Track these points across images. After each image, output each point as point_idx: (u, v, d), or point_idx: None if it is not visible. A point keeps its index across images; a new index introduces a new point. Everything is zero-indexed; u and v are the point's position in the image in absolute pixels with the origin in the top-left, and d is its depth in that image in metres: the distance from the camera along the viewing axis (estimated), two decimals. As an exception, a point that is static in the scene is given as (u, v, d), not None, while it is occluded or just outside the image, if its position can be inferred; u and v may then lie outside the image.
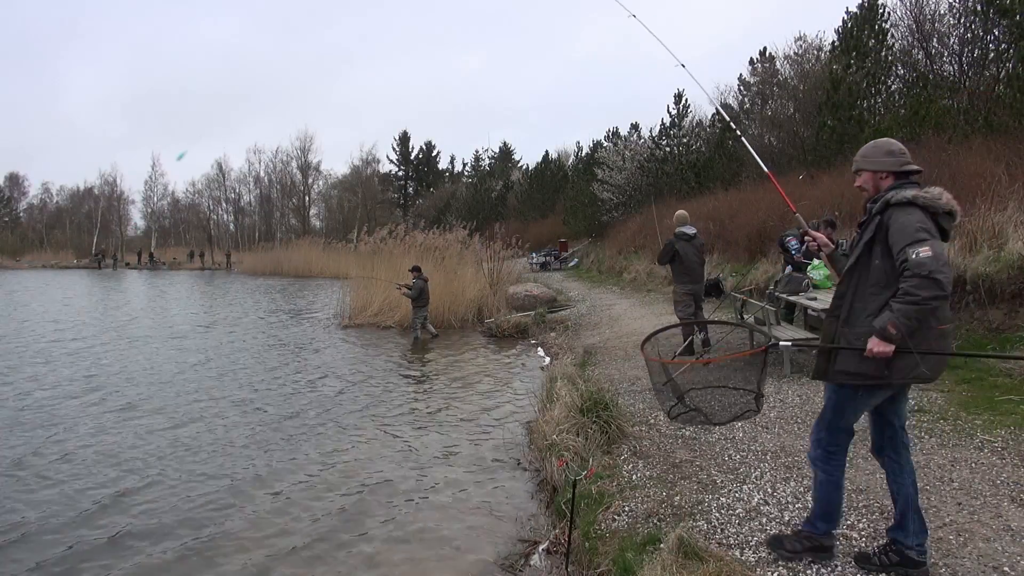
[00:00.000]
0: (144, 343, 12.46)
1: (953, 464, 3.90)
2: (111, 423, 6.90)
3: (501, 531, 4.33)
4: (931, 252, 2.40)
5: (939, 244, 2.45)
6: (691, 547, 3.01)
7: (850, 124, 14.89)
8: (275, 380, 9.00)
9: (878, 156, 2.74)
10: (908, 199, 2.54)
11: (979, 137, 10.28)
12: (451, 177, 65.59)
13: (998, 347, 6.01)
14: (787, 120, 19.14)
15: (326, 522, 4.51)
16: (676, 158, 24.04)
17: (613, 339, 9.80)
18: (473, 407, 7.39)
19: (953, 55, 14.69)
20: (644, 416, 5.63)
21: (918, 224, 2.48)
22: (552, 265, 27.22)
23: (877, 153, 2.75)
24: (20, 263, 50.67)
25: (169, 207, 65.19)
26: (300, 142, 67.58)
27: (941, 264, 2.39)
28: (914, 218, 2.49)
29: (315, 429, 6.66)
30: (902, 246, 2.48)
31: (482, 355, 10.72)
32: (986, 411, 4.75)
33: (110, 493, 5.04)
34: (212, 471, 5.49)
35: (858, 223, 2.84)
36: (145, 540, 4.28)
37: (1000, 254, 6.69)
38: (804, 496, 3.67)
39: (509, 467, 5.47)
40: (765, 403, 5.54)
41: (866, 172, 2.77)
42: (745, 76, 24.51)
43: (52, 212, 67.76)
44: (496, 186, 47.56)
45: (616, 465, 4.55)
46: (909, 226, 2.48)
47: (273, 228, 62.21)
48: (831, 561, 2.95)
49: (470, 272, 15.39)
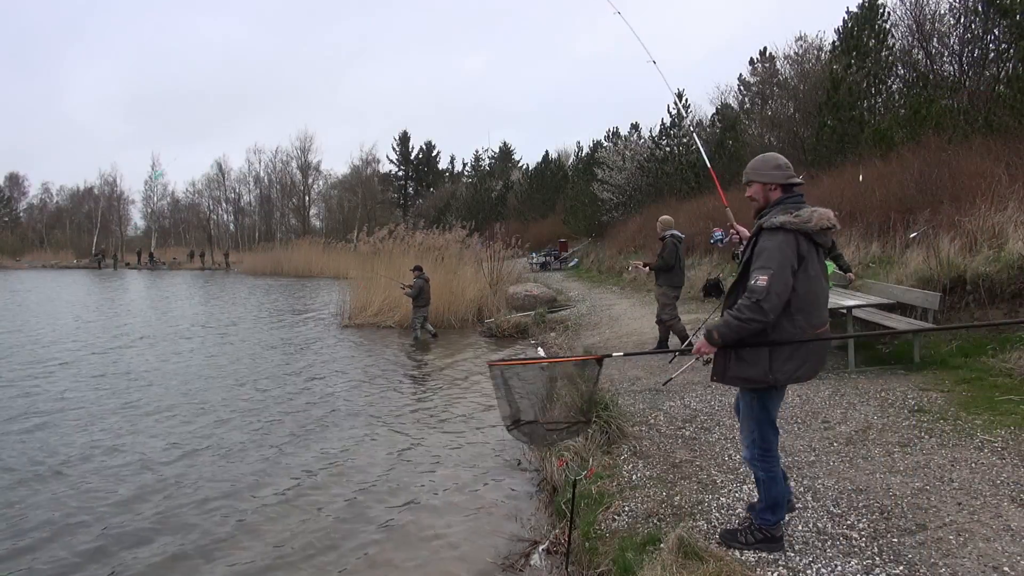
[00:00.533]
0: (144, 343, 12.46)
1: (953, 464, 3.90)
2: (110, 423, 6.90)
3: (501, 531, 4.33)
4: (766, 282, 2.73)
5: (781, 274, 2.74)
6: (691, 547, 3.01)
7: (850, 124, 14.89)
8: (274, 380, 9.00)
9: (767, 169, 3.00)
10: (777, 225, 2.82)
11: (979, 137, 10.28)
12: (451, 177, 65.59)
13: (998, 347, 6.01)
14: (787, 120, 19.16)
15: (325, 522, 4.51)
16: (676, 158, 24.02)
17: (613, 339, 9.80)
18: (473, 407, 7.39)
19: (953, 55, 14.70)
20: (644, 416, 5.63)
21: (775, 251, 2.78)
22: (552, 265, 27.21)
23: (766, 167, 3.01)
24: (20, 263, 50.67)
25: (169, 207, 65.27)
26: (300, 142, 67.73)
27: (770, 295, 2.72)
28: (774, 243, 2.80)
29: (314, 429, 6.66)
30: (754, 268, 2.83)
31: (482, 355, 10.72)
32: (986, 411, 4.74)
33: (110, 494, 5.04)
34: (210, 474, 5.48)
35: (749, 237, 3.09)
36: (145, 540, 4.28)
37: (1000, 254, 6.69)
38: (804, 496, 3.68)
39: (509, 467, 5.47)
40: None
41: (756, 184, 3.01)
42: (745, 76, 24.55)
43: (52, 212, 67.78)
44: (496, 186, 47.55)
45: (616, 465, 4.55)
46: (765, 252, 2.80)
47: (273, 228, 62.19)
48: (782, 551, 3.09)
49: (470, 272, 15.39)
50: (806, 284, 2.83)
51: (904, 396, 5.31)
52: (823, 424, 4.89)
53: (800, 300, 2.83)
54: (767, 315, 2.74)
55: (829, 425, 4.84)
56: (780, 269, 2.76)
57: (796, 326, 2.84)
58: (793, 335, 2.85)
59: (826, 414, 5.10)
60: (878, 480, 3.77)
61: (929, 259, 7.42)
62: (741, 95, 24.35)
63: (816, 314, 2.89)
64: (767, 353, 2.86)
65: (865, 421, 4.83)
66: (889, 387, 5.61)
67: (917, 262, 7.64)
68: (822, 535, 3.23)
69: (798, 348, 2.86)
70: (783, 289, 2.75)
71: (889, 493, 3.59)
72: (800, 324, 2.85)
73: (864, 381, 5.92)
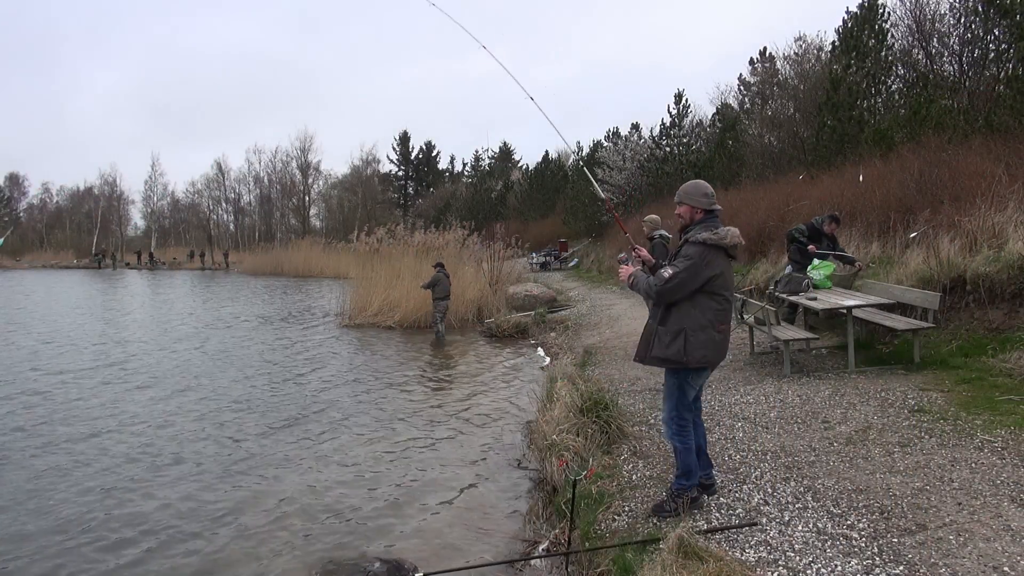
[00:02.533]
0: (144, 344, 12.46)
1: (953, 464, 3.89)
2: (112, 423, 6.90)
3: (501, 531, 4.33)
4: (668, 274, 3.46)
5: (686, 275, 3.44)
6: (691, 547, 3.01)
7: (850, 124, 14.87)
8: (273, 380, 9.00)
9: (697, 195, 3.63)
10: (700, 240, 3.48)
11: (979, 137, 10.26)
12: (451, 177, 65.54)
13: (998, 347, 6.01)
14: (787, 120, 19.12)
15: (324, 522, 4.51)
16: (676, 158, 24.02)
17: (613, 339, 9.80)
18: (473, 407, 7.39)
19: (953, 55, 14.67)
20: (644, 416, 5.63)
21: (690, 256, 3.47)
22: (552, 265, 27.22)
23: (696, 193, 3.64)
24: (20, 263, 50.67)
25: (169, 207, 65.24)
26: (300, 142, 67.60)
27: (666, 285, 3.45)
28: (691, 251, 3.48)
29: (314, 429, 6.66)
30: (670, 263, 3.58)
31: (482, 355, 10.72)
32: (986, 411, 4.74)
33: (110, 492, 5.04)
34: (207, 478, 5.48)
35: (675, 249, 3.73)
36: (144, 540, 4.28)
37: (1000, 254, 6.68)
38: (804, 496, 3.68)
39: (509, 467, 5.47)
40: (765, 402, 5.58)
41: (686, 205, 3.65)
42: (745, 76, 24.54)
43: (52, 212, 67.78)
44: (496, 186, 47.52)
45: (616, 465, 4.55)
46: (682, 255, 3.52)
47: (273, 228, 62.12)
48: (702, 509, 3.64)
49: (470, 272, 15.40)
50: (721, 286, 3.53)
51: (904, 396, 5.30)
52: (823, 424, 4.89)
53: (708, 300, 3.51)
54: (652, 296, 3.54)
55: (829, 425, 4.84)
56: (686, 272, 3.43)
57: (719, 320, 3.55)
58: (704, 327, 3.50)
59: (826, 414, 5.10)
60: (878, 480, 3.77)
61: (929, 259, 7.41)
62: (741, 95, 24.34)
63: (727, 314, 3.63)
64: (683, 340, 3.48)
65: (865, 421, 4.83)
66: (889, 387, 5.61)
67: (917, 262, 7.63)
68: (822, 535, 3.23)
69: (710, 338, 3.51)
70: (678, 287, 3.45)
71: (889, 493, 3.58)
72: (722, 320, 3.56)
73: (864, 381, 5.92)
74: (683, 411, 3.64)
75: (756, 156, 18.93)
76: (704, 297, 3.49)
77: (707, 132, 24.47)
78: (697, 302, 3.49)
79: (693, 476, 3.68)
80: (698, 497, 3.70)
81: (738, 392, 6.06)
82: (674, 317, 3.53)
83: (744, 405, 5.62)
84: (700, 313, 3.49)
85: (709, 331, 3.49)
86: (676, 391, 3.63)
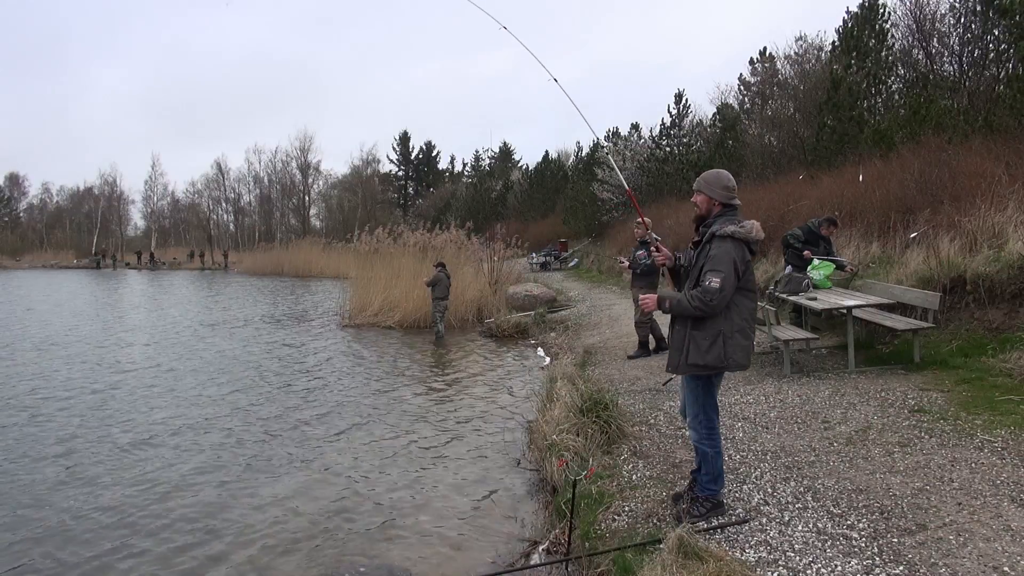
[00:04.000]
0: (143, 345, 12.46)
1: (953, 464, 3.89)
2: (111, 423, 6.90)
3: (501, 531, 4.33)
4: (718, 283, 3.22)
5: (730, 277, 3.24)
6: (691, 547, 3.01)
7: (850, 124, 14.86)
8: (273, 380, 9.00)
9: (717, 187, 3.45)
10: (728, 234, 3.29)
11: (979, 137, 10.25)
12: (451, 177, 65.54)
13: (998, 347, 6.01)
14: (787, 120, 19.11)
15: (323, 522, 4.51)
16: (676, 158, 24.01)
17: (613, 339, 9.79)
18: (473, 407, 7.39)
19: (953, 55, 14.68)
20: (644, 416, 5.63)
21: (725, 256, 3.26)
22: (552, 265, 27.20)
23: (717, 184, 3.46)
24: (20, 263, 50.68)
25: (169, 207, 65.26)
26: (300, 142, 67.55)
27: (719, 295, 3.23)
28: (723, 250, 3.27)
29: (314, 429, 6.66)
30: (707, 270, 3.30)
31: (482, 355, 10.72)
32: (986, 411, 4.74)
33: (111, 492, 5.04)
34: (207, 477, 5.48)
35: (692, 241, 3.59)
36: (143, 540, 4.28)
37: (1000, 254, 6.68)
38: (804, 496, 3.68)
39: (509, 467, 5.47)
40: (765, 402, 5.57)
41: (703, 195, 3.48)
42: (745, 76, 24.53)
43: (52, 212, 67.78)
44: (496, 186, 47.50)
45: (616, 465, 4.55)
46: (717, 256, 3.28)
47: (273, 228, 62.11)
48: (725, 515, 3.53)
49: (470, 272, 15.39)
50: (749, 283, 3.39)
51: (904, 396, 5.31)
52: (823, 424, 4.89)
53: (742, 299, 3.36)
54: (712, 311, 3.27)
55: (829, 425, 4.84)
56: (728, 272, 3.24)
57: (745, 333, 3.41)
58: (741, 328, 3.37)
59: (826, 414, 5.10)
60: (878, 480, 3.77)
61: (929, 259, 7.41)
62: (741, 95, 24.34)
63: (751, 329, 3.48)
64: (722, 343, 3.32)
65: (865, 421, 4.83)
66: (889, 387, 5.61)
67: (917, 262, 7.63)
68: (822, 535, 3.23)
69: (747, 339, 3.39)
70: (729, 291, 3.26)
71: (889, 493, 3.58)
72: (749, 332, 3.42)
73: (864, 381, 5.92)
74: (711, 412, 3.52)
75: (756, 156, 18.92)
76: (739, 296, 3.34)
77: (707, 132, 24.46)
78: (733, 302, 3.32)
79: (722, 481, 3.60)
80: (722, 503, 3.59)
81: (738, 392, 6.06)
82: (710, 320, 3.33)
83: (744, 405, 5.62)
84: (736, 314, 3.35)
85: (747, 332, 3.38)
86: (702, 393, 3.50)
